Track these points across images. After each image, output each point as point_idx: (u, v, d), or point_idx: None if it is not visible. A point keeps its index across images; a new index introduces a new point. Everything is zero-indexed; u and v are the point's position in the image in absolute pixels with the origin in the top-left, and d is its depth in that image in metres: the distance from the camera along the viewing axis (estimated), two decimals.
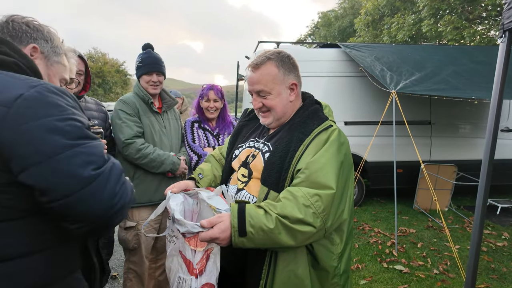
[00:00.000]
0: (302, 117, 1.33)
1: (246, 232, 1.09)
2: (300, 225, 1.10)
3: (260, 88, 1.32)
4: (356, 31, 17.94)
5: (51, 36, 1.06)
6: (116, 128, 2.20)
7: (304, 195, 1.11)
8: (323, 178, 1.14)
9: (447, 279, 3.18)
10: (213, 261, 1.17)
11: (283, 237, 1.09)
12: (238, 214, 1.10)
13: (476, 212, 1.98)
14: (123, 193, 0.88)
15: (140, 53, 2.33)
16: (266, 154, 1.33)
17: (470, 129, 5.75)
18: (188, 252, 1.17)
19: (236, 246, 1.11)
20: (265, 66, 1.32)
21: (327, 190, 1.13)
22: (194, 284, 1.13)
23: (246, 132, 1.55)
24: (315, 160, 1.17)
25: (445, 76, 4.42)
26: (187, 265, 1.17)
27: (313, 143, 1.22)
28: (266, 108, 1.35)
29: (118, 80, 30.23)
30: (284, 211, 1.10)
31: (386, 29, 14.12)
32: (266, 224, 1.09)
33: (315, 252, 1.22)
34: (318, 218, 1.11)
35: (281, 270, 1.19)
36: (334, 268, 1.24)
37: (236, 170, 1.42)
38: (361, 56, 4.78)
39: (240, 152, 1.46)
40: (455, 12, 11.36)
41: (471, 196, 5.96)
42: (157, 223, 2.35)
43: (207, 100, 2.48)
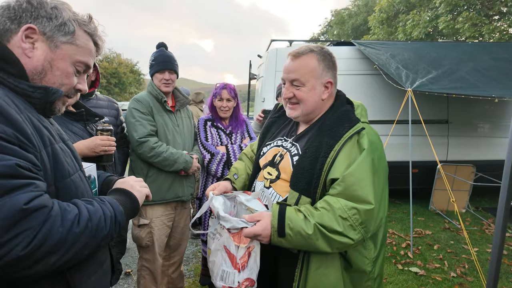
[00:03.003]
0: (332, 119, 1.30)
1: (285, 234, 1.13)
2: (338, 236, 1.12)
3: (295, 77, 1.29)
4: (370, 28, 17.67)
5: (57, 12, 0.88)
6: (130, 126, 2.21)
7: (341, 207, 1.13)
8: (361, 193, 1.14)
9: (465, 282, 3.09)
10: (254, 258, 1.23)
11: (320, 243, 1.13)
12: (279, 216, 1.15)
13: (498, 214, 1.91)
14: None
15: (153, 52, 2.34)
16: (295, 157, 1.31)
17: (489, 128, 5.58)
18: (232, 247, 1.23)
19: (274, 244, 1.16)
20: (306, 57, 1.29)
21: (365, 205, 1.13)
22: (237, 277, 1.20)
23: (275, 129, 1.53)
24: (351, 173, 1.15)
25: (464, 74, 4.28)
26: (231, 259, 1.23)
27: (344, 149, 1.19)
28: (296, 100, 1.32)
29: (132, 80, 30.75)
30: (322, 221, 1.12)
31: (401, 27, 13.82)
32: (305, 229, 1.12)
33: (348, 256, 1.23)
34: (356, 230, 1.13)
35: (313, 272, 1.20)
36: (369, 272, 1.25)
37: (262, 168, 1.43)
38: (375, 54, 4.69)
39: (267, 150, 1.46)
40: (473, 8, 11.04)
41: (490, 197, 5.79)
42: (170, 221, 2.36)
43: (220, 99, 2.48)
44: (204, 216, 2.48)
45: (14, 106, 0.78)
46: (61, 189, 0.87)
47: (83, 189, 0.96)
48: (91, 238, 0.82)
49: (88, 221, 0.82)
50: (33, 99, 0.86)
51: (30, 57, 0.85)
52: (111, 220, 0.89)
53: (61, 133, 1.01)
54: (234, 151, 2.44)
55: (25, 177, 0.72)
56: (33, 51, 0.86)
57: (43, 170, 0.81)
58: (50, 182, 0.84)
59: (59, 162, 0.87)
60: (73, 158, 0.97)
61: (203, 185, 2.52)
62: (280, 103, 1.58)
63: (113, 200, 0.95)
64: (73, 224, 0.78)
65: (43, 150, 0.82)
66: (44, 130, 0.86)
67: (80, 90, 0.99)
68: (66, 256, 0.77)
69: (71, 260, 0.80)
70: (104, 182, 1.20)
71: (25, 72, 0.85)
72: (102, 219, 0.86)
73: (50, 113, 0.94)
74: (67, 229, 0.76)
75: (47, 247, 0.72)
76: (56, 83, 0.90)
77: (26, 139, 0.76)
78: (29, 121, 0.81)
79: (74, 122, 1.85)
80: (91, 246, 0.84)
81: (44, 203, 0.74)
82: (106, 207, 0.89)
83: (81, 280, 0.91)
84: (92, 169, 1.16)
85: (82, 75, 0.98)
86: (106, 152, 1.82)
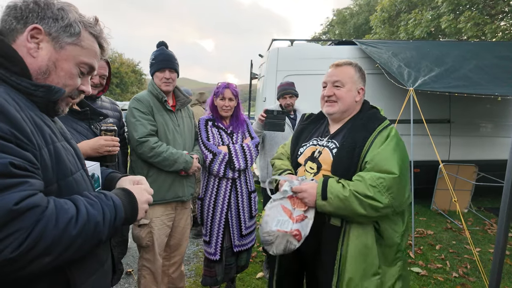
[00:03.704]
0: (363, 119, 1.61)
1: (327, 197, 1.44)
2: (369, 200, 1.39)
3: (337, 79, 1.61)
4: (372, 28, 17.60)
5: (63, 13, 0.89)
6: (130, 126, 2.21)
7: (371, 178, 1.41)
8: (387, 165, 1.43)
9: (467, 282, 3.07)
10: (306, 223, 1.51)
11: (355, 205, 1.40)
12: (322, 184, 1.48)
13: (500, 214, 1.89)
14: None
15: (153, 51, 2.33)
16: (334, 150, 1.59)
17: (492, 127, 5.55)
18: (289, 205, 1.53)
19: (319, 208, 1.48)
20: (346, 67, 1.64)
21: (390, 174, 1.41)
22: (291, 225, 1.48)
23: (308, 133, 1.83)
24: (379, 152, 1.46)
25: (466, 72, 4.25)
26: (287, 213, 1.51)
27: (376, 140, 1.50)
28: (335, 98, 1.62)
29: (134, 80, 30.79)
30: (356, 188, 1.41)
31: (403, 26, 13.76)
32: (343, 193, 1.42)
33: (381, 230, 1.49)
34: (383, 195, 1.39)
35: (353, 242, 1.46)
36: (398, 244, 1.51)
37: (303, 164, 1.70)
38: (377, 53, 4.66)
39: (304, 150, 1.74)
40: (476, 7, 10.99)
41: (492, 197, 5.76)
42: (170, 221, 2.36)
43: (222, 98, 2.47)
44: (206, 217, 2.47)
45: (14, 104, 0.78)
46: (63, 188, 0.87)
47: (85, 188, 0.95)
48: (87, 240, 0.81)
49: (86, 224, 0.80)
50: (35, 97, 0.86)
51: (35, 57, 0.86)
52: (110, 224, 0.87)
53: (64, 131, 1.01)
54: (235, 150, 2.43)
55: (18, 176, 0.71)
56: (38, 51, 0.87)
57: (44, 168, 0.81)
58: (52, 180, 0.84)
59: (61, 160, 0.87)
60: (75, 157, 0.97)
61: (205, 185, 2.51)
62: (307, 113, 1.95)
63: (120, 204, 0.93)
64: (68, 225, 0.76)
65: (44, 148, 0.82)
66: (46, 128, 0.86)
67: (84, 91, 0.99)
68: (60, 258, 0.76)
69: (66, 260, 0.78)
70: (107, 178, 1.20)
71: (28, 70, 0.85)
72: (100, 223, 0.84)
73: (53, 113, 0.95)
74: (61, 230, 0.74)
75: (39, 249, 0.70)
76: (60, 84, 0.90)
77: (24, 136, 0.75)
78: (30, 119, 0.81)
79: (78, 121, 1.83)
80: (87, 248, 0.83)
81: (37, 203, 0.72)
82: (108, 210, 0.88)
83: (82, 279, 0.90)
84: (96, 168, 1.16)
85: (86, 77, 0.99)
86: (110, 153, 1.81)
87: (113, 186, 1.16)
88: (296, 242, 1.49)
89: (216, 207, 2.44)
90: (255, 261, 3.53)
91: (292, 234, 1.47)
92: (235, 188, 2.48)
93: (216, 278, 2.50)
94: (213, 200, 2.45)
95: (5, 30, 0.86)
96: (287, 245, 1.49)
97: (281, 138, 3.09)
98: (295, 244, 1.49)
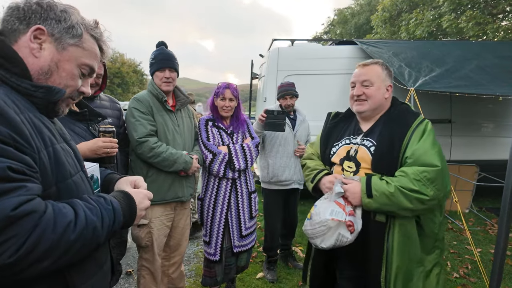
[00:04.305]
0: (398, 115, 1.65)
1: (372, 195, 1.49)
2: (415, 193, 1.44)
3: (365, 78, 1.66)
4: (373, 28, 17.56)
5: (65, 15, 0.90)
6: (129, 126, 2.21)
7: (414, 172, 1.45)
8: (428, 159, 1.47)
9: (468, 283, 3.06)
10: (356, 219, 1.56)
11: (402, 200, 1.45)
12: (366, 182, 1.52)
13: (501, 215, 1.89)
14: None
15: (153, 51, 2.33)
16: (372, 148, 1.62)
17: (493, 127, 5.53)
18: (342, 202, 1.57)
19: (365, 206, 1.53)
20: (373, 66, 1.68)
21: (433, 167, 1.46)
22: (344, 216, 1.52)
23: (338, 133, 1.85)
24: (419, 147, 1.50)
25: (467, 72, 4.23)
26: (340, 206, 1.55)
27: (414, 134, 1.54)
28: (364, 97, 1.66)
29: (135, 80, 30.84)
30: (401, 183, 1.46)
31: (404, 26, 13.73)
32: (388, 189, 1.46)
33: (421, 222, 1.55)
34: (428, 188, 1.44)
35: (398, 235, 1.53)
36: (436, 234, 1.59)
37: (338, 163, 1.74)
38: (378, 53, 4.65)
39: (338, 149, 1.77)
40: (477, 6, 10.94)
41: (493, 198, 5.74)
42: (170, 221, 2.36)
43: (222, 98, 2.46)
44: (206, 217, 2.47)
45: (14, 106, 0.78)
46: (62, 190, 0.86)
47: (84, 190, 0.95)
48: (85, 245, 0.81)
49: (84, 229, 0.80)
50: (35, 98, 0.86)
51: (37, 57, 0.87)
52: (108, 229, 0.87)
53: (63, 132, 1.01)
54: (236, 151, 2.42)
55: (16, 180, 0.71)
56: (40, 52, 0.87)
57: (43, 171, 0.80)
58: (51, 182, 0.83)
59: (60, 162, 0.87)
60: (74, 159, 0.97)
61: (205, 185, 2.51)
62: (332, 112, 1.97)
63: (119, 208, 0.93)
64: (66, 229, 0.76)
65: (44, 150, 0.82)
66: (45, 130, 0.86)
67: (84, 92, 1.00)
68: (59, 262, 0.76)
69: (65, 264, 0.78)
70: (106, 179, 1.20)
71: (28, 71, 0.85)
72: (99, 228, 0.84)
73: (53, 114, 0.95)
74: (59, 235, 0.74)
75: (37, 254, 0.71)
76: (61, 84, 0.91)
77: (23, 139, 0.75)
78: (30, 121, 0.81)
79: (76, 122, 1.83)
80: (86, 252, 0.83)
81: (34, 208, 0.72)
82: (107, 214, 0.87)
83: (80, 282, 0.90)
84: (95, 169, 1.16)
85: (86, 78, 0.99)
86: (108, 154, 1.81)
87: (111, 188, 1.15)
88: (348, 234, 1.51)
89: (216, 207, 2.44)
90: (255, 261, 3.53)
91: (346, 224, 1.51)
92: (235, 188, 2.48)
93: (216, 279, 2.50)
94: (213, 200, 2.44)
95: (7, 30, 0.87)
96: (339, 237, 1.52)
97: (281, 138, 3.08)
98: (347, 237, 1.51)
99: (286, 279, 3.18)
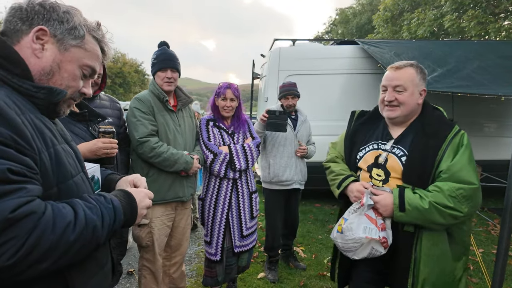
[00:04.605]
0: (432, 124, 1.58)
1: (405, 209, 1.45)
2: (450, 210, 1.42)
3: (398, 83, 1.57)
4: (375, 27, 17.53)
5: (68, 16, 0.91)
6: (131, 126, 2.21)
7: (450, 189, 1.43)
8: (465, 176, 1.44)
9: (470, 283, 3.05)
10: (388, 232, 1.55)
11: (435, 216, 1.43)
12: (399, 196, 1.47)
13: (504, 215, 1.88)
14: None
15: (155, 51, 2.33)
16: (403, 157, 1.57)
17: (496, 127, 5.50)
18: (373, 215, 1.55)
19: (396, 219, 1.50)
20: (407, 69, 1.59)
21: (470, 185, 1.43)
22: (378, 233, 1.51)
23: (364, 136, 1.77)
24: (455, 162, 1.46)
25: (469, 72, 4.22)
26: (372, 222, 1.54)
27: (449, 148, 1.49)
28: (396, 103, 1.58)
29: (137, 80, 30.88)
30: (436, 199, 1.43)
31: (406, 25, 13.69)
32: (421, 205, 1.43)
33: (451, 230, 1.53)
34: (463, 205, 1.42)
35: (426, 245, 1.50)
36: (465, 242, 1.57)
37: (366, 170, 1.68)
38: (379, 53, 4.64)
39: (364, 154, 1.71)
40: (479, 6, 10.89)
41: (496, 198, 5.72)
42: (170, 221, 2.36)
43: (223, 99, 2.46)
44: (207, 217, 2.47)
45: (15, 107, 0.77)
46: (63, 191, 0.86)
47: (85, 190, 0.95)
48: (85, 245, 0.81)
49: (84, 229, 0.79)
50: (36, 99, 0.86)
51: (39, 57, 0.87)
52: (108, 228, 0.87)
53: (64, 133, 1.01)
54: (236, 151, 2.42)
55: (15, 182, 0.71)
56: (42, 52, 0.88)
57: (44, 172, 0.80)
58: (52, 183, 0.83)
59: (61, 163, 0.87)
60: (75, 160, 0.97)
61: (206, 185, 2.51)
62: (357, 110, 1.89)
63: (119, 206, 0.93)
64: (66, 230, 0.75)
65: (45, 152, 0.82)
66: (46, 131, 0.85)
67: (85, 94, 1.00)
68: (59, 262, 0.76)
69: (65, 264, 0.78)
70: (106, 180, 1.20)
71: (30, 72, 0.85)
72: (99, 227, 0.83)
73: (54, 114, 0.95)
74: (58, 236, 0.74)
75: (36, 255, 0.70)
76: (63, 85, 0.91)
77: (24, 141, 0.75)
78: (31, 122, 0.81)
79: (76, 123, 1.82)
80: (86, 252, 0.82)
81: (33, 209, 0.71)
82: (107, 213, 0.87)
83: (81, 282, 0.90)
84: (96, 170, 1.15)
85: (87, 79, 0.99)
86: (108, 155, 1.80)
87: (112, 188, 1.15)
88: (382, 249, 1.52)
89: (217, 208, 2.44)
90: (256, 261, 3.53)
91: (381, 242, 1.51)
92: (236, 189, 2.48)
93: (216, 279, 2.50)
94: (214, 200, 2.44)
95: (9, 31, 0.87)
96: (372, 251, 1.53)
97: (282, 139, 3.08)
98: (381, 251, 1.53)
99: (287, 279, 3.17)
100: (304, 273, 3.29)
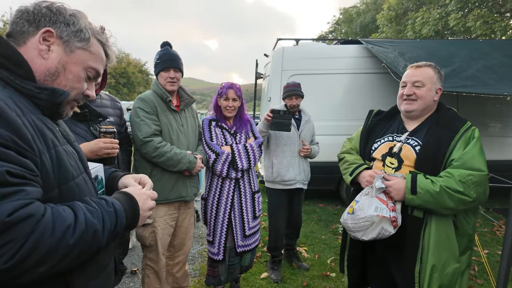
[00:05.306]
0: (446, 118, 1.70)
1: (417, 192, 1.54)
2: (459, 194, 1.50)
3: (418, 79, 1.71)
4: (379, 27, 17.44)
5: (74, 19, 0.93)
6: (134, 126, 2.22)
7: (460, 174, 1.52)
8: (476, 164, 1.53)
9: (475, 285, 3.03)
10: (398, 212, 1.63)
11: (446, 199, 1.51)
12: (411, 179, 1.57)
13: (509, 216, 1.86)
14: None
15: (158, 51, 2.34)
16: (417, 147, 1.68)
17: (501, 127, 5.45)
18: (384, 198, 1.63)
19: (407, 202, 1.58)
20: (426, 68, 1.73)
21: (480, 172, 1.52)
22: (389, 212, 1.58)
23: (380, 130, 1.90)
24: (467, 151, 1.56)
25: (474, 71, 4.19)
26: (383, 202, 1.61)
27: (461, 139, 1.60)
28: (414, 97, 1.71)
29: (141, 80, 31.02)
30: (446, 184, 1.52)
31: (410, 24, 13.61)
32: (433, 188, 1.52)
33: (457, 221, 1.60)
34: (472, 190, 1.50)
35: (434, 232, 1.58)
36: (469, 234, 1.64)
37: (380, 159, 1.79)
38: (383, 52, 4.62)
39: (379, 145, 1.83)
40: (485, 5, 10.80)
41: (501, 199, 5.66)
42: (173, 221, 2.37)
43: (225, 99, 2.46)
44: (209, 217, 2.48)
45: (16, 108, 0.77)
46: (64, 192, 0.86)
47: (87, 192, 0.95)
48: (85, 250, 0.80)
49: (84, 233, 0.78)
50: (39, 100, 0.86)
51: (45, 58, 0.88)
52: (110, 232, 0.86)
53: (67, 134, 1.01)
54: (239, 150, 2.42)
55: (14, 185, 0.70)
56: (48, 53, 0.89)
57: (45, 174, 0.80)
58: (53, 185, 0.83)
59: (63, 165, 0.87)
60: (77, 160, 0.97)
61: (208, 185, 2.52)
62: (374, 109, 2.03)
63: (121, 210, 0.92)
64: (65, 234, 0.74)
65: (46, 153, 0.81)
66: (48, 132, 0.85)
67: (89, 96, 1.01)
68: (57, 267, 0.75)
69: (64, 269, 0.77)
70: (109, 178, 1.20)
71: (32, 73, 0.86)
72: (99, 231, 0.82)
73: (57, 116, 0.95)
74: (57, 239, 0.73)
75: (34, 259, 0.69)
76: (67, 86, 0.92)
77: (25, 143, 0.75)
78: (32, 123, 0.80)
79: (77, 123, 1.83)
80: (85, 257, 0.82)
81: (32, 212, 0.70)
82: (108, 217, 0.86)
83: (83, 284, 0.90)
84: (99, 170, 1.15)
85: (91, 82, 1.00)
86: (109, 155, 1.80)
87: (115, 185, 1.15)
88: (392, 228, 1.59)
89: (219, 207, 2.44)
90: (259, 261, 3.53)
91: (391, 220, 1.58)
92: (238, 188, 2.48)
93: (219, 278, 2.50)
94: (216, 200, 2.45)
95: (16, 32, 0.88)
96: (381, 231, 1.59)
97: (286, 138, 3.08)
98: (390, 231, 1.59)
99: (291, 279, 3.17)
100: (307, 273, 3.29)
